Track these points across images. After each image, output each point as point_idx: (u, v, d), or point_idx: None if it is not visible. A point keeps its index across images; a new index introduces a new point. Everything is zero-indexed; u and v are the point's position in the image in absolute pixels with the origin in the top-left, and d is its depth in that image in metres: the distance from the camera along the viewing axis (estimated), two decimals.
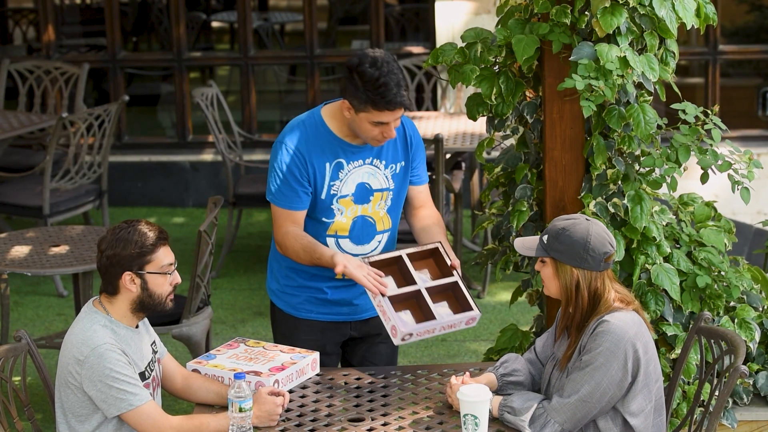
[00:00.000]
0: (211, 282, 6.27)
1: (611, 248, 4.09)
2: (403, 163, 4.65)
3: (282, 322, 4.76)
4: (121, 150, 9.64)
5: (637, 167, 4.93)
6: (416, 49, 9.61)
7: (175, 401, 5.83)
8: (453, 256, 4.56)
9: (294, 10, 13.77)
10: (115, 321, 4.16)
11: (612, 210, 4.83)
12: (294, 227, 4.53)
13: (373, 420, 4.13)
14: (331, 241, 4.59)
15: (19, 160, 8.48)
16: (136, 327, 4.23)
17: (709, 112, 4.79)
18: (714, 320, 4.91)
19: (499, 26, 4.91)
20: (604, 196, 4.85)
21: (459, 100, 8.85)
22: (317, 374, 4.48)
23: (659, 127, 4.83)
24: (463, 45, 4.97)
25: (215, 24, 13.84)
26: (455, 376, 4.21)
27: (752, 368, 4.99)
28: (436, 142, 7.06)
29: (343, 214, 4.57)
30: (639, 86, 4.88)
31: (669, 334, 4.87)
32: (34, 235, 6.41)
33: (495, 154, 8.22)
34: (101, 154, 7.92)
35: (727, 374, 4.12)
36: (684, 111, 4.77)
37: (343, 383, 4.42)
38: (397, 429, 4.07)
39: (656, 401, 4.11)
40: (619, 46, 4.68)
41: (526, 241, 4.22)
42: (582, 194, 4.86)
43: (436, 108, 9.19)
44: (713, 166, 4.78)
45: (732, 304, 5.02)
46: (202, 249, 5.73)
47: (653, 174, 4.93)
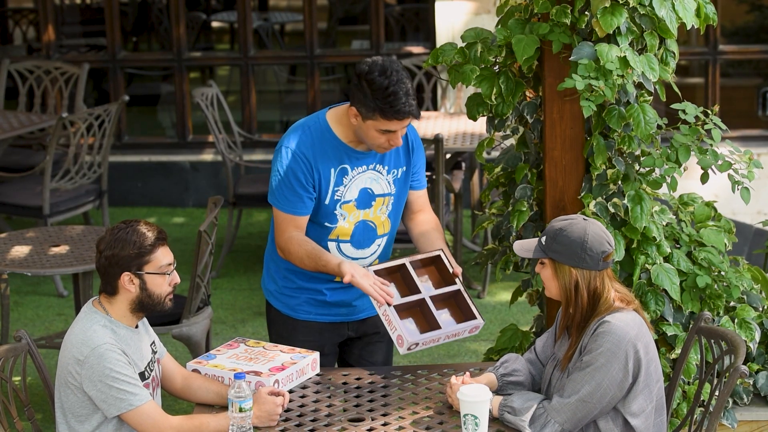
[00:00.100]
0: (211, 282, 6.27)
1: (609, 247, 4.08)
2: (404, 168, 4.65)
3: (279, 323, 4.76)
4: (121, 150, 9.64)
5: (637, 167, 4.93)
6: (416, 49, 9.61)
7: (175, 401, 5.83)
8: (455, 264, 4.57)
9: (294, 10, 13.77)
10: (114, 321, 4.16)
11: (612, 210, 4.83)
12: (297, 232, 4.53)
13: (373, 420, 4.13)
14: (332, 246, 4.59)
15: (19, 160, 8.48)
16: (136, 327, 4.23)
17: (709, 112, 4.79)
18: (714, 320, 4.90)
19: (499, 26, 4.91)
20: (604, 196, 4.85)
21: (459, 100, 8.85)
22: (317, 374, 4.48)
23: (659, 127, 4.83)
24: (463, 45, 4.97)
25: (215, 24, 13.84)
26: (455, 376, 4.21)
27: (752, 368, 4.99)
28: (436, 142, 7.06)
29: (345, 219, 4.57)
30: (639, 86, 4.88)
31: (669, 334, 4.87)
32: (34, 235, 6.41)
33: (495, 154, 8.22)
34: (101, 154, 7.92)
35: (727, 374, 4.12)
36: (684, 111, 4.77)
37: (343, 383, 4.42)
38: (397, 429, 4.07)
39: (657, 401, 4.11)
40: (619, 46, 4.68)
41: (524, 244, 4.23)
42: (582, 194, 4.86)
43: (436, 108, 9.20)
44: (713, 166, 4.78)
45: (732, 304, 5.02)
46: (202, 249, 5.73)
47: (653, 174, 4.92)
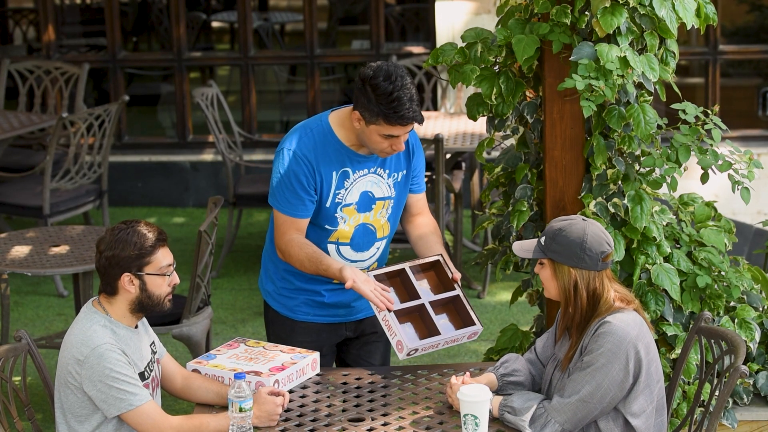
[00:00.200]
0: (211, 282, 6.27)
1: (608, 248, 4.08)
2: (404, 172, 4.65)
3: (277, 323, 4.76)
4: (121, 150, 9.64)
5: (637, 167, 4.93)
6: (416, 49, 9.61)
7: (175, 401, 5.83)
8: (454, 269, 4.58)
9: (294, 10, 13.77)
10: (114, 321, 4.16)
11: (612, 210, 4.83)
12: (297, 235, 4.52)
13: (373, 420, 4.13)
14: (332, 248, 4.59)
15: (20, 160, 8.48)
16: (136, 327, 4.23)
17: (710, 112, 4.79)
18: (714, 320, 4.90)
19: (500, 26, 4.91)
20: (605, 196, 4.85)
21: (459, 100, 8.85)
22: (317, 374, 4.48)
23: (659, 127, 4.83)
24: (464, 45, 4.97)
25: (215, 24, 13.84)
26: (455, 376, 4.21)
27: (752, 368, 4.99)
28: (436, 142, 7.06)
29: (346, 222, 4.57)
30: (639, 86, 4.88)
31: (669, 334, 4.87)
32: (34, 235, 6.41)
33: (495, 154, 8.22)
34: (101, 154, 7.92)
35: (728, 374, 4.11)
36: (684, 111, 4.77)
37: (342, 383, 4.42)
38: (397, 429, 4.07)
39: (657, 401, 4.11)
40: (619, 46, 4.68)
41: (524, 244, 4.23)
42: (582, 194, 4.86)
43: (436, 108, 9.20)
44: (713, 166, 4.78)
45: (732, 304, 5.02)
46: (202, 249, 5.73)
47: (653, 174, 4.92)
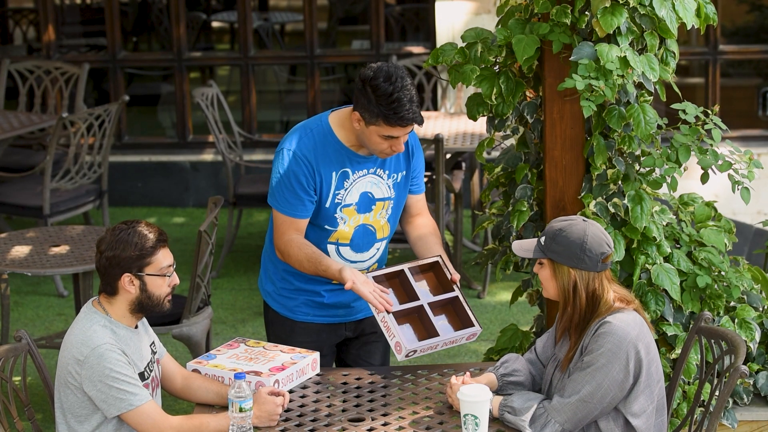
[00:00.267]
0: (211, 282, 6.27)
1: (608, 249, 4.08)
2: (404, 173, 4.65)
3: (277, 324, 4.76)
4: (121, 150, 9.64)
5: (637, 167, 4.93)
6: (416, 49, 9.61)
7: (175, 401, 5.83)
8: (453, 270, 4.57)
9: (294, 10, 13.77)
10: (114, 321, 4.16)
11: (612, 210, 4.83)
12: (297, 235, 4.52)
13: (373, 420, 4.13)
14: (331, 248, 4.59)
15: (20, 160, 8.48)
16: (135, 327, 4.23)
17: (710, 112, 4.79)
18: (714, 320, 4.90)
19: (500, 26, 4.91)
20: (605, 196, 4.85)
21: (459, 100, 8.85)
22: (317, 374, 4.48)
23: (659, 127, 4.83)
24: (464, 45, 4.97)
25: (215, 24, 13.84)
26: (455, 376, 4.21)
27: (752, 368, 4.99)
28: (436, 142, 7.06)
29: (346, 222, 4.56)
30: (639, 86, 4.88)
31: (669, 334, 4.87)
32: (35, 235, 6.41)
33: (495, 154, 8.22)
34: (101, 154, 7.92)
35: (728, 374, 4.11)
36: (684, 111, 4.77)
37: (342, 383, 4.42)
38: (397, 429, 4.07)
39: (658, 402, 4.11)
40: (619, 46, 4.68)
41: (524, 244, 4.22)
42: (582, 194, 4.86)
43: (436, 108, 9.20)
44: (713, 166, 4.78)
45: (732, 304, 5.02)
46: (202, 249, 5.73)
47: (653, 174, 4.92)
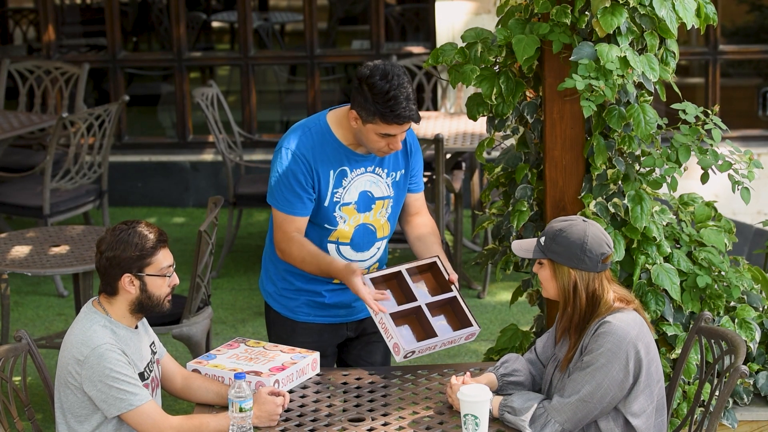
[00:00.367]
0: (211, 282, 6.27)
1: (608, 249, 4.08)
2: (403, 171, 4.65)
3: (279, 324, 4.76)
4: (121, 150, 9.64)
5: (637, 167, 4.93)
6: (416, 49, 9.61)
7: (175, 401, 5.83)
8: (451, 270, 4.57)
9: (294, 10, 13.77)
10: (114, 321, 4.16)
11: (612, 210, 4.83)
12: (297, 234, 4.52)
13: (373, 420, 4.13)
14: (332, 248, 4.59)
15: (20, 160, 8.48)
16: (135, 327, 4.23)
17: (710, 112, 4.79)
18: (714, 320, 4.91)
19: (500, 26, 4.91)
20: (605, 196, 4.85)
21: (459, 100, 8.85)
22: (317, 374, 4.48)
23: (659, 127, 4.83)
24: (464, 45, 4.97)
25: (215, 24, 13.84)
26: (455, 376, 4.21)
27: (752, 368, 4.99)
28: (436, 142, 7.06)
29: (345, 222, 4.57)
30: (639, 86, 4.88)
31: (669, 334, 4.87)
32: (35, 235, 6.41)
33: (495, 154, 8.22)
34: (101, 154, 7.92)
35: (728, 374, 4.11)
36: (684, 111, 4.77)
37: (343, 383, 4.42)
38: (398, 429, 4.07)
39: (658, 401, 4.11)
40: (619, 46, 4.68)
41: (523, 244, 4.22)
42: (582, 194, 4.86)
43: (436, 108, 9.20)
44: (713, 166, 4.78)
45: (732, 304, 5.02)
46: (202, 249, 5.73)
47: (653, 174, 4.93)
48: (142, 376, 4.16)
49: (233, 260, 8.37)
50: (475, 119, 5.03)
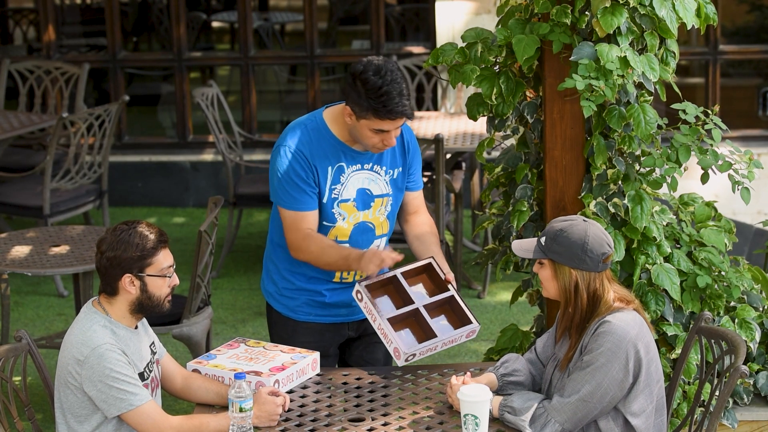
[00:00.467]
0: (211, 282, 6.27)
1: (609, 249, 4.08)
2: (400, 169, 4.65)
3: (280, 324, 4.76)
4: (121, 150, 9.64)
5: (637, 167, 4.93)
6: (416, 49, 9.61)
7: (175, 401, 5.83)
8: (447, 270, 4.56)
9: (294, 10, 13.77)
10: (114, 321, 4.16)
11: (612, 210, 4.83)
12: (311, 229, 4.50)
13: (373, 420, 4.13)
14: None
15: (20, 160, 8.48)
16: (135, 328, 4.23)
17: (710, 112, 4.79)
18: (714, 320, 4.91)
19: (500, 26, 4.91)
20: (605, 196, 4.85)
21: (459, 100, 8.85)
22: (317, 374, 4.48)
23: (659, 127, 4.83)
24: (464, 45, 4.97)
25: (215, 24, 13.84)
26: (456, 376, 4.21)
27: (752, 368, 4.99)
28: (436, 142, 7.06)
29: (345, 219, 4.56)
30: (639, 86, 4.88)
31: (669, 334, 4.87)
32: (35, 235, 6.41)
33: (495, 154, 8.22)
34: (101, 154, 7.92)
35: (728, 374, 4.11)
36: (684, 111, 4.77)
37: (343, 383, 4.42)
38: (398, 429, 4.07)
39: (657, 401, 4.11)
40: (619, 46, 4.68)
41: (523, 243, 4.22)
42: (582, 194, 4.86)
43: (436, 108, 9.20)
44: (713, 166, 4.78)
45: (732, 304, 5.02)
46: (202, 249, 5.73)
47: (653, 174, 4.93)
48: (141, 376, 4.16)
49: (233, 260, 8.37)
50: (475, 119, 5.03)
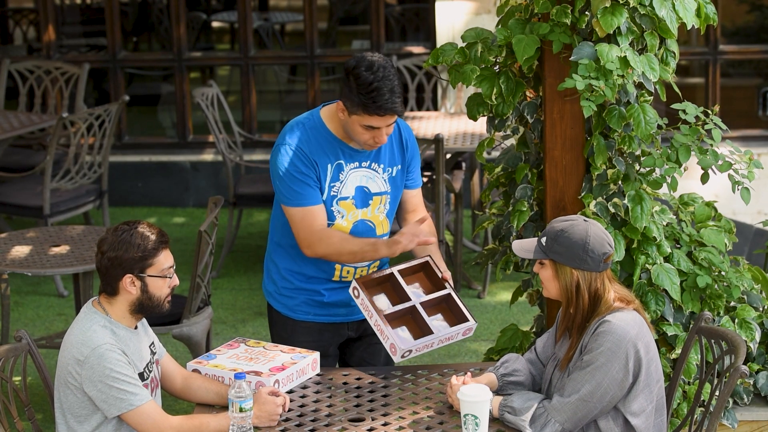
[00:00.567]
0: (211, 282, 6.27)
1: (610, 248, 4.09)
2: (399, 167, 4.65)
3: (280, 324, 4.76)
4: (121, 150, 9.64)
5: (637, 167, 4.93)
6: (416, 49, 9.61)
7: (175, 401, 5.83)
8: (444, 268, 4.57)
9: (294, 10, 13.77)
10: (114, 322, 4.16)
11: (612, 210, 4.83)
12: (322, 225, 4.49)
13: (373, 420, 4.13)
14: None
15: (20, 160, 8.48)
16: (135, 328, 4.23)
17: (710, 112, 4.79)
18: (714, 320, 4.90)
19: (500, 26, 4.91)
20: (605, 196, 4.85)
21: (459, 100, 8.85)
22: (317, 374, 4.48)
23: (659, 127, 4.83)
24: (464, 45, 4.97)
25: (215, 24, 13.84)
26: (456, 376, 4.22)
27: (752, 368, 4.99)
28: (436, 142, 7.05)
29: (344, 217, 4.56)
30: (639, 86, 4.88)
31: (669, 334, 4.87)
32: (35, 235, 6.41)
33: (495, 154, 8.22)
34: (101, 154, 7.92)
35: (728, 374, 4.12)
36: (684, 111, 4.77)
37: (343, 383, 4.42)
38: (398, 429, 4.07)
39: (657, 401, 4.11)
40: (619, 46, 4.68)
41: (524, 244, 4.22)
42: (582, 194, 4.86)
43: (436, 108, 9.20)
44: (713, 166, 4.78)
45: (732, 304, 5.02)
46: (202, 249, 5.73)
47: (653, 174, 4.93)
48: (141, 376, 4.16)
49: (233, 260, 8.37)
50: (475, 119, 5.03)
